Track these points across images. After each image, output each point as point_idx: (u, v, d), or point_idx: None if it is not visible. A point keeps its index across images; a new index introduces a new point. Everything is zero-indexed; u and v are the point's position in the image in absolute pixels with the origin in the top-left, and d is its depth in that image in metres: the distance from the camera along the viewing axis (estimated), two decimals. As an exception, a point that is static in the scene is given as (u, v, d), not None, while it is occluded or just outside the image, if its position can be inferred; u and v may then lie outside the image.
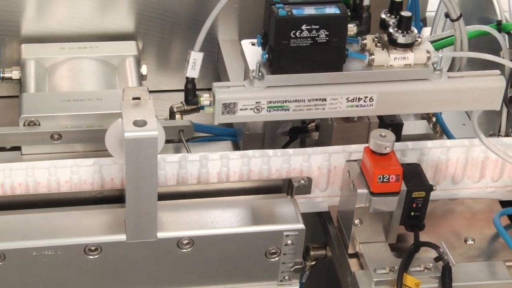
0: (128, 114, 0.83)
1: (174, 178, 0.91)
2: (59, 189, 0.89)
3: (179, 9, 1.16)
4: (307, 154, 0.92)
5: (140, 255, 0.89)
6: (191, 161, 0.91)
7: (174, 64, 1.20)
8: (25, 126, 0.99)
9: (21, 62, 1.09)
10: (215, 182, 0.92)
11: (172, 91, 1.21)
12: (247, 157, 0.91)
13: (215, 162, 0.91)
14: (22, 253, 0.86)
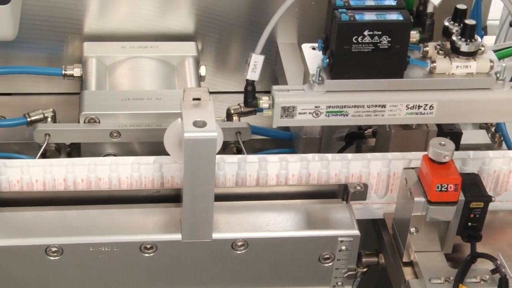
0: (188, 115, 0.83)
1: (233, 179, 0.91)
2: (119, 186, 0.90)
3: (238, 10, 1.16)
4: (367, 159, 0.92)
5: (194, 255, 0.89)
6: (250, 163, 0.91)
7: (232, 66, 1.21)
8: (85, 123, 1.00)
9: (83, 60, 1.11)
10: (273, 184, 0.92)
11: (229, 93, 1.21)
12: (306, 160, 0.91)
13: (274, 165, 0.91)
14: (80, 248, 0.87)
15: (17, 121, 1.07)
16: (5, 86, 1.16)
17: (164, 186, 0.92)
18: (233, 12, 1.16)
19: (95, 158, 0.90)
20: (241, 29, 1.18)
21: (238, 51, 1.20)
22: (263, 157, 0.91)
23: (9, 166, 0.88)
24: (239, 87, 1.22)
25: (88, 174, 0.90)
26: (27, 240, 0.86)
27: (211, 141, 0.82)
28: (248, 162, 0.91)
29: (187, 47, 1.13)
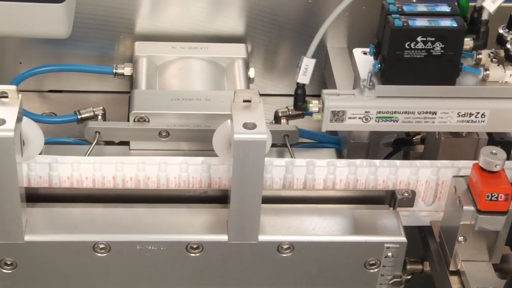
0: (238, 116, 0.83)
1: (280, 182, 0.91)
2: (167, 185, 0.91)
3: (288, 13, 1.16)
4: (415, 166, 0.91)
5: (240, 256, 0.89)
6: (298, 166, 0.91)
7: (280, 68, 1.21)
8: (135, 122, 1.01)
9: (134, 59, 1.11)
10: (320, 189, 0.92)
11: (277, 96, 1.21)
12: (354, 165, 0.91)
13: (322, 169, 0.91)
14: (127, 246, 0.88)
15: (68, 118, 1.08)
16: (56, 83, 1.18)
17: (211, 186, 0.92)
18: (283, 14, 1.16)
19: (144, 157, 0.90)
20: (290, 32, 1.18)
21: (287, 53, 1.20)
22: (311, 161, 0.91)
23: (60, 162, 0.89)
24: (287, 89, 1.22)
25: (137, 173, 0.90)
26: (75, 236, 0.87)
27: (261, 143, 0.82)
28: (296, 165, 0.91)
29: (237, 49, 1.14)
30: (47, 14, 0.93)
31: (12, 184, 0.82)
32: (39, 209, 0.89)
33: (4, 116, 0.81)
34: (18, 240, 0.86)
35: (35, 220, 0.88)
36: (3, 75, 1.15)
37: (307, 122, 1.13)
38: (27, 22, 0.93)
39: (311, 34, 1.16)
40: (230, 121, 0.86)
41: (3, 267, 0.88)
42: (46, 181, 0.90)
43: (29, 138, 0.85)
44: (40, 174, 0.89)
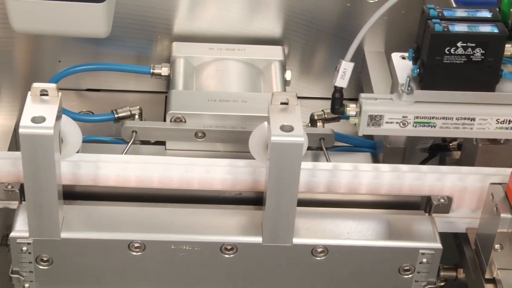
0: (276, 119, 0.83)
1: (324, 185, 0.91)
2: (210, 187, 0.91)
3: (325, 16, 1.16)
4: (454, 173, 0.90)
5: (274, 259, 0.89)
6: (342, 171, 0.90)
7: (316, 71, 1.21)
8: (171, 122, 1.01)
9: (171, 60, 1.12)
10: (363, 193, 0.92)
11: (313, 99, 1.21)
12: (397, 171, 0.90)
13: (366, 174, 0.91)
14: (162, 245, 0.88)
15: (105, 117, 1.09)
16: (94, 82, 1.19)
17: (252, 189, 0.92)
18: (320, 17, 1.16)
19: (191, 159, 0.90)
20: (327, 35, 1.18)
21: (323, 56, 1.20)
22: (355, 165, 0.90)
23: (107, 161, 0.89)
24: (322, 93, 1.22)
25: (184, 173, 0.90)
26: (111, 235, 0.88)
27: (298, 146, 0.82)
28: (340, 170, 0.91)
29: (274, 51, 1.14)
30: (88, 13, 0.94)
31: (50, 181, 0.83)
32: (75, 207, 0.90)
33: (44, 113, 0.81)
34: (55, 237, 0.87)
35: (72, 217, 0.89)
36: (42, 73, 1.17)
37: (342, 125, 1.13)
38: (68, 21, 0.94)
39: (348, 37, 1.17)
40: (267, 123, 0.86)
41: (39, 263, 0.88)
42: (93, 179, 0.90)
43: (67, 136, 0.86)
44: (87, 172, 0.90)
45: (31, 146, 0.81)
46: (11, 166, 0.89)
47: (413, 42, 0.92)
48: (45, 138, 0.80)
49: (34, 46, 1.15)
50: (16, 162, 0.89)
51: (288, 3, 1.14)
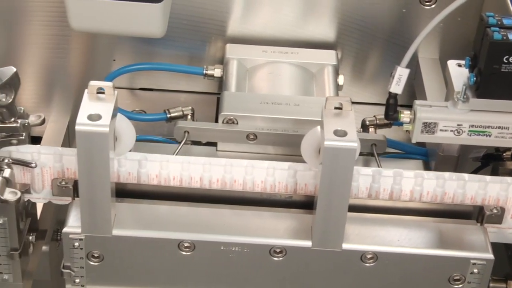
0: (329, 123, 0.83)
1: (366, 191, 0.91)
2: (253, 189, 0.91)
3: (379, 22, 1.15)
4: (506, 183, 0.89)
5: (322, 263, 0.89)
6: (385, 177, 0.90)
7: (368, 76, 1.20)
8: (223, 123, 1.02)
9: (224, 61, 1.12)
10: (406, 200, 0.91)
11: (364, 104, 1.21)
12: (442, 178, 0.89)
13: (409, 180, 0.90)
14: (211, 246, 0.88)
15: (157, 116, 1.10)
16: (147, 81, 1.19)
17: (297, 192, 0.92)
18: (375, 22, 1.15)
19: (232, 160, 0.91)
20: (381, 40, 1.17)
21: (376, 62, 1.19)
22: (399, 171, 0.90)
23: (149, 160, 0.91)
24: (374, 98, 1.21)
25: (224, 174, 0.91)
26: (162, 233, 0.88)
27: (351, 151, 0.82)
28: (383, 176, 0.90)
29: (327, 55, 1.13)
30: (145, 13, 0.94)
31: (104, 178, 0.84)
32: (127, 205, 0.91)
33: (100, 111, 0.82)
34: (106, 233, 0.88)
35: (123, 215, 0.90)
36: (96, 71, 1.18)
37: (393, 132, 1.13)
38: (125, 21, 0.95)
39: (401, 43, 1.16)
40: (320, 127, 0.86)
41: (90, 259, 0.89)
42: (135, 177, 0.91)
43: (121, 134, 0.87)
44: (130, 171, 0.91)
45: (87, 143, 0.82)
46: (63, 162, 0.90)
47: (468, 50, 0.91)
48: (101, 135, 0.81)
49: (89, 44, 1.16)
50: (69, 159, 0.90)
51: (343, 7, 1.14)
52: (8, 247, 0.92)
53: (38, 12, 1.13)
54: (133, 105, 1.19)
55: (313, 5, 1.14)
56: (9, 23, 1.13)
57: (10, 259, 0.93)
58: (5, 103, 0.84)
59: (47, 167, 0.91)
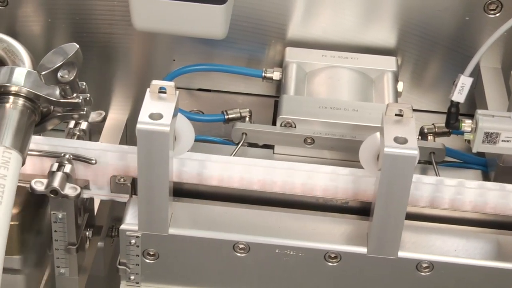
0: (390, 130, 0.83)
1: (426, 200, 0.90)
2: (313, 193, 0.91)
3: (442, 29, 1.14)
4: None
5: (377, 270, 0.89)
6: (447, 186, 0.89)
7: (428, 84, 1.19)
8: (281, 126, 1.02)
9: (284, 65, 1.12)
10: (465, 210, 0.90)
11: (423, 111, 1.20)
12: (504, 190, 0.88)
13: (471, 191, 0.89)
14: (266, 248, 0.88)
15: (215, 117, 1.11)
16: (205, 82, 1.20)
17: (356, 198, 0.92)
18: (437, 29, 1.14)
19: (294, 164, 0.91)
20: (442, 48, 1.16)
21: (436, 69, 1.18)
22: (461, 181, 0.89)
23: (212, 161, 0.91)
24: (432, 106, 1.20)
25: (286, 178, 0.91)
26: (217, 234, 0.89)
27: (411, 159, 0.81)
28: (445, 185, 0.89)
29: (387, 62, 1.13)
30: (208, 14, 0.95)
31: (163, 177, 0.85)
32: (183, 204, 0.91)
33: (161, 110, 0.83)
34: (163, 232, 0.88)
35: (180, 214, 0.90)
36: (155, 71, 1.19)
37: (451, 140, 1.11)
38: (188, 21, 0.96)
39: (463, 51, 1.14)
40: (379, 133, 0.86)
41: (146, 257, 0.90)
42: (197, 178, 0.92)
43: (181, 134, 0.87)
44: (192, 171, 0.91)
45: (147, 142, 0.82)
46: (122, 159, 0.91)
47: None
48: (162, 135, 0.82)
49: (150, 44, 1.18)
50: (128, 156, 0.91)
51: (405, 13, 1.13)
52: (66, 241, 0.94)
53: (101, 10, 1.14)
54: (191, 105, 1.20)
55: (375, 11, 1.13)
56: (73, 21, 1.15)
57: (67, 253, 0.95)
58: (67, 79, 0.85)
59: (106, 164, 0.92)
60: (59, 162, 0.89)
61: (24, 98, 0.87)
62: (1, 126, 0.84)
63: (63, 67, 0.84)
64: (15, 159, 0.82)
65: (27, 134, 0.86)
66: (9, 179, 0.80)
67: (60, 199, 0.89)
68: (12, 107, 0.86)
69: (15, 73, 0.88)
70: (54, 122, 0.90)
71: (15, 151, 0.82)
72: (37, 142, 0.90)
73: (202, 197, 0.92)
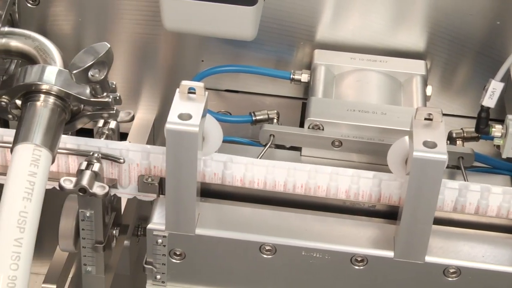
0: (419, 134, 0.82)
1: (452, 204, 0.90)
2: (337, 196, 0.91)
3: (472, 33, 1.13)
4: None
5: (404, 275, 0.88)
6: (472, 191, 0.89)
7: (456, 88, 1.18)
8: (309, 128, 1.02)
9: (312, 67, 1.12)
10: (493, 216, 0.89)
11: (451, 116, 1.19)
12: (529, 195, 0.88)
13: (497, 196, 0.88)
14: (293, 250, 0.88)
15: (243, 118, 1.11)
16: (233, 83, 1.20)
17: (380, 201, 0.91)
18: (467, 33, 1.13)
19: (316, 166, 0.91)
20: (472, 52, 1.15)
21: (465, 74, 1.17)
22: (487, 187, 0.89)
23: (235, 162, 0.91)
24: (461, 110, 1.19)
25: (308, 180, 0.91)
26: (244, 235, 0.89)
27: (440, 164, 0.81)
28: (469, 190, 0.89)
29: (416, 65, 1.12)
30: (238, 15, 0.95)
31: (191, 177, 0.85)
32: (210, 205, 0.92)
33: (191, 111, 0.83)
34: (190, 232, 0.89)
35: (207, 215, 0.90)
36: (183, 71, 1.19)
37: (480, 145, 1.11)
38: (218, 22, 0.96)
39: (493, 56, 1.13)
40: (408, 137, 0.85)
41: (173, 256, 0.90)
42: (220, 178, 0.92)
43: (209, 135, 0.87)
44: (215, 171, 0.92)
45: (176, 142, 0.83)
46: (151, 159, 0.92)
47: None
48: (191, 135, 0.82)
49: (178, 44, 1.18)
50: (156, 156, 0.91)
51: (435, 17, 1.12)
52: (93, 239, 0.94)
53: (131, 10, 1.15)
54: (218, 106, 1.20)
55: (404, 14, 1.13)
56: (102, 21, 1.16)
57: (94, 251, 0.95)
58: (98, 78, 0.85)
59: (134, 163, 0.92)
60: (87, 161, 0.90)
61: (55, 97, 0.88)
62: (32, 124, 0.84)
63: (94, 66, 0.84)
64: (45, 157, 0.83)
65: (57, 132, 0.86)
66: (39, 176, 0.81)
67: (88, 198, 0.90)
68: (43, 105, 0.87)
69: (47, 71, 0.89)
70: (83, 120, 0.91)
71: (45, 149, 0.83)
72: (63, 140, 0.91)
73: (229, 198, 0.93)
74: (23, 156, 0.82)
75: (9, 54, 0.95)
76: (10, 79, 0.89)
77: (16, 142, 0.83)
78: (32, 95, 0.88)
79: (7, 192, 0.80)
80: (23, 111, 0.87)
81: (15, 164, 0.81)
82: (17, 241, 0.77)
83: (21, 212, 0.78)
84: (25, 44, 0.95)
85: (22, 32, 0.96)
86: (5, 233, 0.77)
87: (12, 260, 0.76)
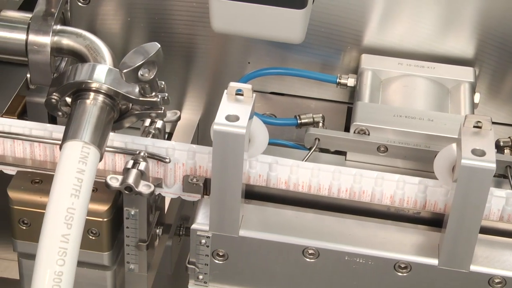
0: (467, 142, 0.82)
1: (498, 213, 0.89)
2: (381, 201, 0.90)
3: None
4: None
5: (447, 283, 0.88)
6: (518, 198, 0.88)
7: (505, 96, 1.17)
8: (355, 133, 1.01)
9: (359, 71, 1.12)
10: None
11: (498, 124, 1.17)
12: None
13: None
14: (336, 255, 0.88)
15: (288, 121, 1.11)
16: (279, 86, 1.20)
17: (425, 208, 0.91)
18: (516, 40, 1.12)
19: (361, 170, 0.91)
20: (521, 59, 1.14)
21: (514, 81, 1.16)
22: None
23: (280, 164, 0.91)
24: (509, 119, 1.18)
25: (353, 184, 0.91)
26: (287, 238, 0.89)
27: (489, 172, 0.80)
28: (517, 198, 0.88)
29: (465, 72, 1.11)
30: (287, 18, 0.95)
31: (236, 179, 0.85)
32: (254, 207, 0.92)
33: (238, 113, 0.83)
34: (233, 233, 0.89)
35: (250, 216, 0.90)
36: (229, 73, 1.20)
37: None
38: (267, 25, 0.96)
39: (541, 63, 1.12)
40: (456, 144, 0.85)
41: (215, 257, 0.91)
42: (265, 180, 0.92)
43: (255, 137, 0.88)
44: (260, 173, 0.92)
45: (223, 143, 0.83)
46: (197, 160, 0.92)
47: None
48: (238, 137, 0.82)
49: (225, 46, 1.18)
50: (202, 157, 0.92)
51: (485, 23, 1.11)
52: (137, 238, 0.95)
53: (179, 11, 1.16)
54: (263, 109, 1.20)
55: (453, 20, 1.12)
56: (151, 21, 1.16)
57: (137, 250, 0.96)
58: (147, 78, 0.86)
59: (180, 163, 0.92)
60: (134, 159, 0.90)
61: (104, 95, 0.89)
62: (81, 121, 0.85)
63: (144, 66, 0.85)
64: (93, 154, 0.83)
65: (105, 130, 0.87)
66: (87, 174, 0.81)
67: (134, 196, 0.90)
68: (92, 103, 0.88)
69: (97, 70, 0.90)
70: (131, 119, 0.92)
71: (93, 147, 0.84)
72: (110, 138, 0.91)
73: (273, 200, 0.93)
74: (72, 153, 0.83)
75: (60, 52, 0.97)
76: (61, 77, 0.90)
77: (65, 139, 0.84)
78: (82, 93, 0.89)
79: (55, 188, 0.81)
80: (72, 108, 0.88)
81: (64, 161, 0.82)
82: (64, 237, 0.78)
83: (68, 209, 0.79)
84: (76, 43, 0.96)
85: (73, 30, 0.97)
86: (53, 229, 0.78)
87: (59, 255, 0.77)
